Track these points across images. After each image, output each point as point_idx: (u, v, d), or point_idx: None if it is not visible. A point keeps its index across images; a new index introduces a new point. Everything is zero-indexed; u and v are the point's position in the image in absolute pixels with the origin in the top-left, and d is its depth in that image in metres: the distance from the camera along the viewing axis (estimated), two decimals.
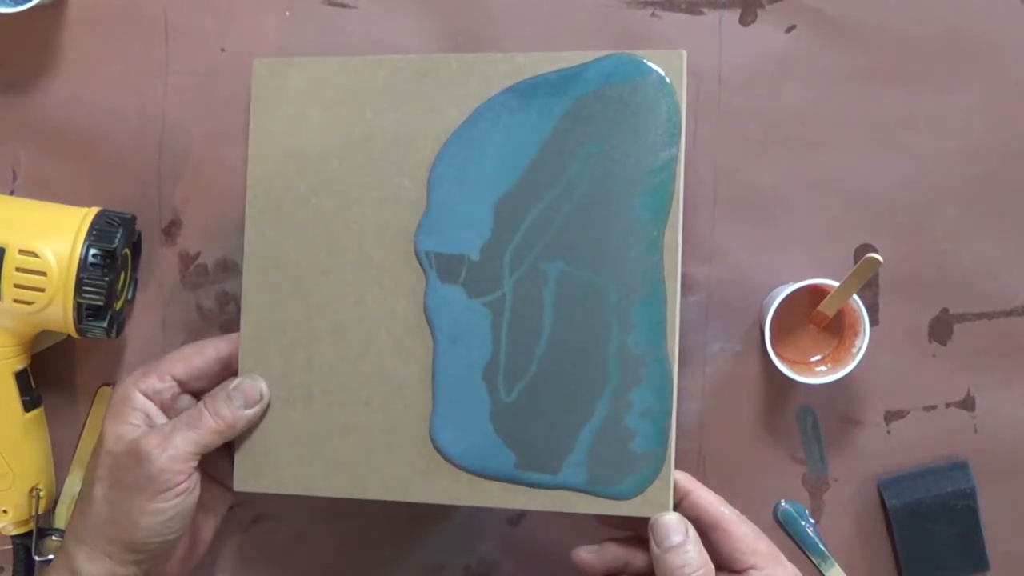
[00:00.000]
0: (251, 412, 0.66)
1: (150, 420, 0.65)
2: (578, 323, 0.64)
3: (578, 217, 0.64)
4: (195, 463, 0.64)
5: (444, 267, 0.65)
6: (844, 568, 0.74)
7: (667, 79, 0.63)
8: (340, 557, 0.77)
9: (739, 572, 0.63)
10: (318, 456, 0.67)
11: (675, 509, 0.64)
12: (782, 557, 0.63)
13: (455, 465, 0.65)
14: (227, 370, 0.68)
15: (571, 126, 0.64)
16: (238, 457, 0.68)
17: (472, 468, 0.65)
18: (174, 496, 0.63)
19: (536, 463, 0.65)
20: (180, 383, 0.67)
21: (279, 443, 0.67)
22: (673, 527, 0.62)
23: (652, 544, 0.62)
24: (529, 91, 0.64)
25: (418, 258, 0.65)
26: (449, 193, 0.65)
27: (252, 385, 0.66)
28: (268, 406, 0.67)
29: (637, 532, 0.65)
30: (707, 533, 0.63)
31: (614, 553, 0.66)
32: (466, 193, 0.65)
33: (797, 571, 0.64)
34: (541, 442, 0.65)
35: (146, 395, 0.65)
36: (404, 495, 0.66)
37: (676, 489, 0.64)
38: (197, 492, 0.65)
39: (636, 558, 0.65)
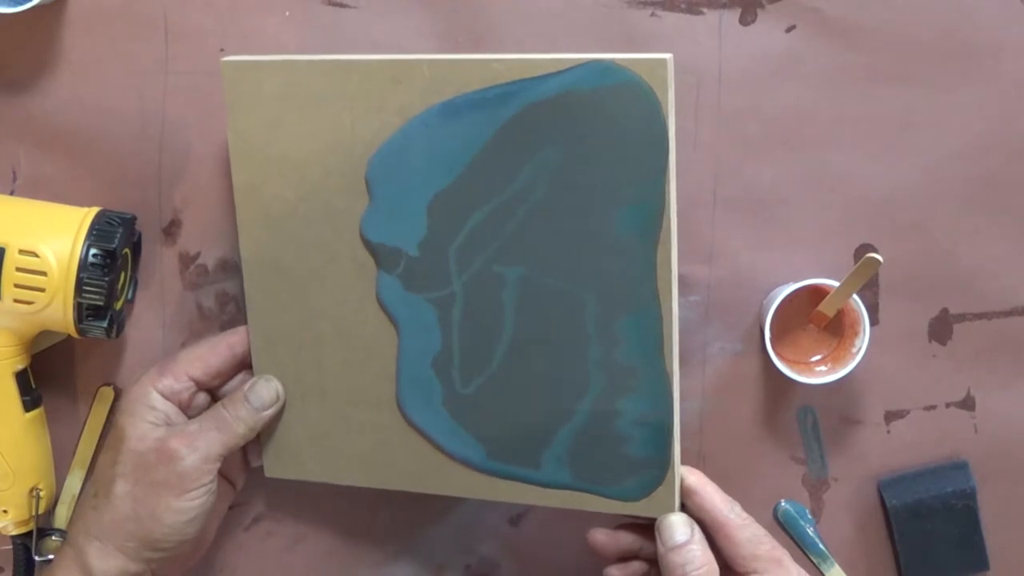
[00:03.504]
0: (268, 413, 0.68)
1: (169, 419, 0.67)
2: (547, 329, 0.64)
3: (537, 224, 0.62)
4: (219, 464, 0.66)
5: (384, 256, 0.65)
6: (844, 568, 0.74)
7: (649, 87, 0.59)
8: (340, 557, 0.77)
9: (742, 575, 0.63)
10: (339, 449, 0.69)
11: (682, 507, 0.64)
12: (787, 561, 0.63)
13: (431, 441, 0.67)
14: (242, 364, 0.70)
15: (517, 132, 0.61)
16: (266, 446, 0.70)
17: (446, 448, 0.67)
18: (200, 496, 0.65)
19: (510, 457, 0.66)
20: (197, 382, 0.68)
21: (302, 436, 0.69)
22: (677, 527, 0.63)
23: (658, 543, 0.63)
24: (465, 104, 0.62)
25: (365, 245, 0.66)
26: (385, 188, 0.64)
27: (267, 387, 0.68)
28: (285, 403, 0.69)
29: (651, 522, 0.66)
30: (711, 535, 0.64)
31: (628, 539, 0.67)
32: (400, 190, 0.64)
33: (804, 573, 0.64)
34: (511, 438, 0.66)
35: (164, 395, 0.67)
36: (421, 487, 0.68)
37: (683, 489, 0.64)
38: (215, 492, 0.66)
39: (649, 545, 0.67)
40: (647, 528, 0.66)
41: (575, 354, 0.64)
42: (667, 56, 0.58)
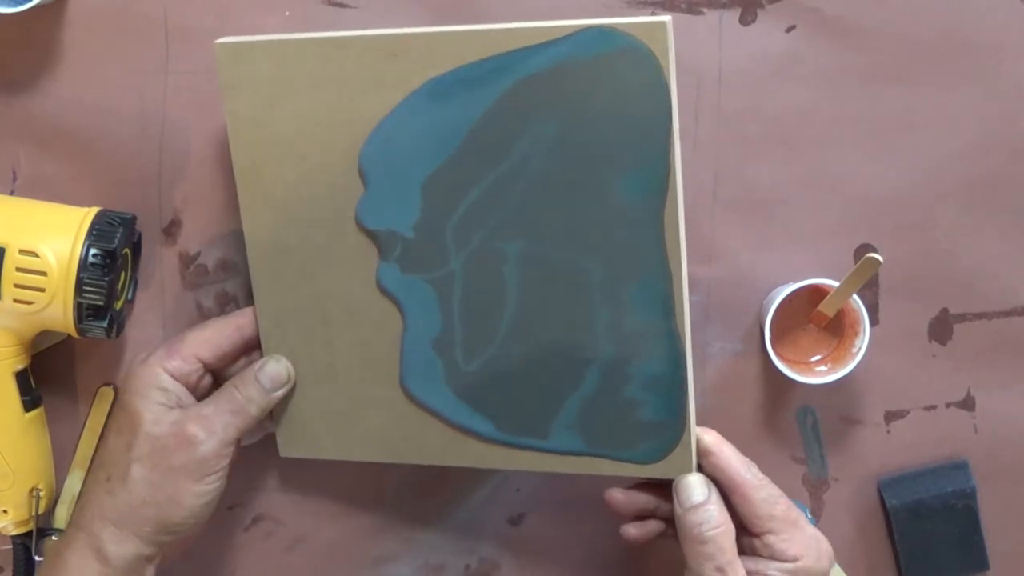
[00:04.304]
0: (280, 394, 0.68)
1: (180, 401, 0.66)
2: (551, 301, 0.64)
3: (536, 196, 0.62)
4: (234, 446, 0.66)
5: (381, 242, 0.65)
6: (844, 568, 0.74)
7: (650, 51, 0.58)
8: (340, 557, 0.77)
9: (757, 535, 0.63)
10: (352, 426, 0.69)
11: (699, 467, 0.65)
12: (802, 521, 0.64)
13: (439, 417, 0.67)
14: (249, 346, 0.70)
15: (510, 107, 0.61)
16: (279, 426, 0.71)
17: (454, 423, 0.67)
18: (218, 479, 0.65)
19: (519, 430, 0.66)
20: (205, 364, 0.68)
21: (314, 415, 0.70)
22: (694, 488, 0.64)
23: (675, 503, 0.64)
24: (454, 82, 0.62)
25: (362, 232, 0.66)
26: (378, 175, 0.64)
27: (278, 368, 0.68)
28: (295, 383, 0.69)
29: (667, 481, 0.67)
30: (727, 495, 0.64)
31: (644, 498, 0.68)
32: (392, 175, 0.64)
33: (819, 534, 0.64)
34: (519, 410, 0.66)
35: (173, 376, 0.66)
36: (435, 460, 0.69)
37: (699, 450, 0.65)
38: (228, 474, 0.67)
39: (665, 504, 0.67)
40: (663, 487, 0.67)
41: (581, 323, 0.64)
42: (666, 18, 0.58)
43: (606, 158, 0.61)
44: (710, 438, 0.65)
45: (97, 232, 0.68)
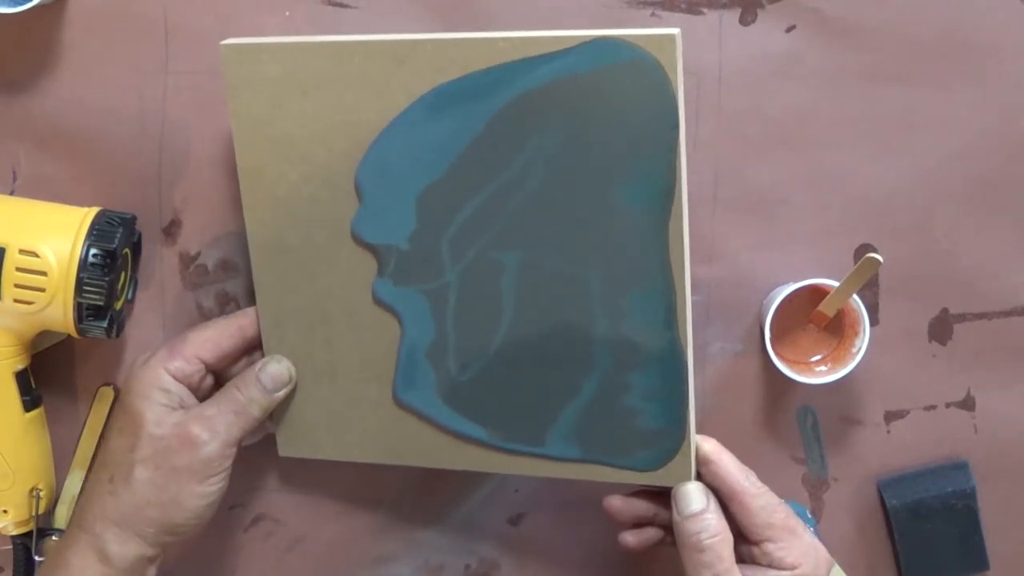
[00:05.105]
0: (281, 394, 0.68)
1: (182, 402, 0.66)
2: (549, 311, 0.64)
3: (536, 207, 0.62)
4: (237, 447, 0.66)
5: (378, 256, 0.65)
6: (844, 568, 0.74)
7: (658, 62, 0.58)
8: (340, 557, 0.77)
9: (755, 543, 0.64)
10: (352, 427, 0.69)
11: (697, 475, 0.65)
12: (800, 529, 0.64)
13: (434, 424, 0.68)
14: (250, 346, 0.70)
15: (511, 120, 0.61)
16: (279, 426, 0.71)
17: (450, 430, 0.67)
18: (220, 480, 0.65)
19: (514, 437, 0.66)
20: (207, 364, 0.68)
21: (314, 414, 0.70)
22: (693, 496, 0.64)
23: (674, 511, 0.64)
24: (456, 92, 0.62)
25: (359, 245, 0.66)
26: (375, 189, 0.64)
27: (279, 368, 0.68)
28: (296, 384, 0.69)
29: (666, 489, 0.67)
30: (726, 503, 0.64)
31: (642, 505, 0.68)
32: (389, 188, 0.64)
33: (817, 542, 0.64)
34: (514, 419, 0.66)
35: (175, 377, 0.66)
36: (434, 462, 0.69)
37: (699, 458, 0.65)
38: (231, 474, 0.67)
39: (663, 512, 0.67)
40: (662, 495, 0.67)
41: (579, 333, 0.64)
42: (675, 31, 0.58)
43: (611, 169, 0.61)
44: (709, 446, 0.65)
45: (97, 232, 0.68)
